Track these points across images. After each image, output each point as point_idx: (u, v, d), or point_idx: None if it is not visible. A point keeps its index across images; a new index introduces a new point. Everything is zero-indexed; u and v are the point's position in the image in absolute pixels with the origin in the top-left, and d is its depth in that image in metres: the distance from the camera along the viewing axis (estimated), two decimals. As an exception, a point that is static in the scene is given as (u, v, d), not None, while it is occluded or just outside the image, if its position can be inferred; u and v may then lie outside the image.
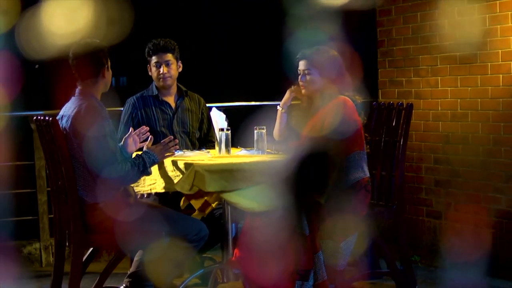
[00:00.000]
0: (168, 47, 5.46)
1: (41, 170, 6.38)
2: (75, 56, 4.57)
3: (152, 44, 5.48)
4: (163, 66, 5.44)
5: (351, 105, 4.74)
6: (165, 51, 5.45)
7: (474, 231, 5.93)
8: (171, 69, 5.46)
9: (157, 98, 5.49)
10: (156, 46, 5.46)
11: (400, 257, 5.08)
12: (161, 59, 5.45)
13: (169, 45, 5.47)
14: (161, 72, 5.44)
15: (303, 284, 4.56)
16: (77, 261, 4.51)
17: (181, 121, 5.51)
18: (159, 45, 5.46)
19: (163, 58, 5.45)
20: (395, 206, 5.03)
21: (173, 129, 5.46)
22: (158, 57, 5.45)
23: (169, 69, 5.45)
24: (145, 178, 4.77)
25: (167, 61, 5.46)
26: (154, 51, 5.46)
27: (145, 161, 4.48)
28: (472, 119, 6.01)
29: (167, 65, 5.45)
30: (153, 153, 4.53)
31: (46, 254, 6.42)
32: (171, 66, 5.46)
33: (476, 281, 5.53)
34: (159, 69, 5.45)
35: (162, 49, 5.45)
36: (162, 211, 4.64)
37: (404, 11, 6.60)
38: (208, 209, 4.95)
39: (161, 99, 5.49)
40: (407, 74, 6.62)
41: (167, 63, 5.46)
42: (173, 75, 5.49)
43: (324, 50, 4.88)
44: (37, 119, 4.61)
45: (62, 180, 4.51)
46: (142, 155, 4.52)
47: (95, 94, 4.56)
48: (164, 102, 5.49)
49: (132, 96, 5.55)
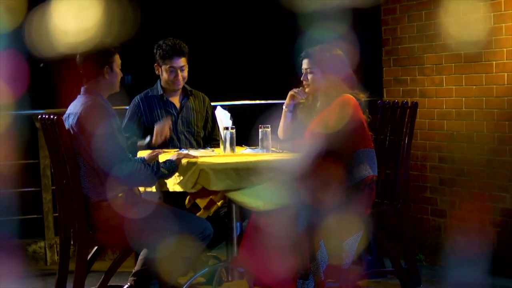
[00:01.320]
0: (183, 51, 5.37)
1: (46, 168, 6.39)
2: (80, 55, 4.59)
3: (168, 48, 5.36)
4: (179, 72, 5.38)
5: (355, 103, 4.75)
6: (180, 55, 5.36)
7: (478, 230, 5.92)
8: (185, 75, 5.43)
9: (162, 98, 5.46)
10: (172, 51, 5.36)
11: (404, 256, 5.08)
12: (176, 64, 5.36)
13: (183, 49, 5.37)
14: (178, 79, 5.39)
15: (304, 282, 4.56)
16: (82, 260, 4.51)
17: (185, 121, 5.49)
18: (175, 50, 5.35)
19: (178, 64, 5.37)
20: (399, 204, 5.03)
21: (177, 129, 5.45)
22: (173, 63, 5.36)
23: (184, 74, 5.42)
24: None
25: (182, 67, 5.38)
26: (169, 56, 5.36)
27: (159, 163, 4.50)
28: (477, 118, 6.00)
29: (182, 71, 5.41)
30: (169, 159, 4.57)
31: (51, 253, 6.43)
32: (185, 72, 5.42)
33: (480, 279, 5.53)
34: (173, 75, 5.38)
35: (178, 54, 5.35)
36: (169, 209, 4.65)
37: (409, 10, 6.59)
38: (213, 207, 4.95)
39: (166, 99, 5.47)
40: (411, 73, 6.61)
41: (182, 69, 5.39)
42: (185, 79, 5.46)
43: (327, 48, 4.88)
44: (42, 117, 4.61)
45: (67, 178, 4.51)
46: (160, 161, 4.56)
47: (101, 92, 4.56)
48: (169, 102, 5.47)
49: (137, 96, 5.52)
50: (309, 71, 4.88)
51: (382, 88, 6.93)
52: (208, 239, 4.60)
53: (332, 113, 4.74)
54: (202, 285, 5.30)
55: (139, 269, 4.71)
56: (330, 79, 4.83)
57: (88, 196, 4.46)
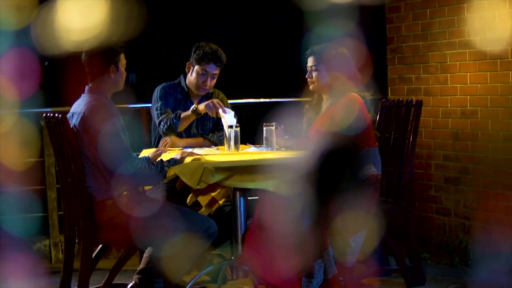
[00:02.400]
0: (222, 61, 5.34)
1: (51, 167, 6.40)
2: (86, 53, 4.59)
3: (209, 51, 5.32)
4: (209, 79, 5.35)
5: (361, 102, 4.75)
6: (217, 63, 5.34)
7: (483, 228, 5.92)
8: (213, 82, 5.41)
9: (187, 96, 5.45)
10: (211, 55, 5.32)
11: (409, 254, 5.09)
12: (211, 70, 5.34)
13: (222, 59, 5.34)
14: (206, 84, 5.36)
15: (309, 280, 4.56)
16: (87, 258, 4.52)
17: (201, 125, 5.48)
18: (215, 56, 5.32)
19: (213, 71, 5.35)
20: (404, 203, 5.03)
21: (191, 131, 5.43)
22: (209, 68, 5.34)
23: (212, 82, 5.40)
24: None
25: (214, 75, 5.37)
26: (207, 60, 5.32)
27: (163, 162, 4.50)
28: (482, 116, 5.99)
29: (213, 79, 5.38)
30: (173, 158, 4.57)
31: (56, 251, 6.43)
32: (214, 79, 5.40)
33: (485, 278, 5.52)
34: (203, 79, 5.35)
35: (216, 61, 5.33)
36: (174, 207, 4.65)
37: (414, 8, 6.58)
38: (215, 206, 4.96)
39: (189, 100, 5.45)
40: (416, 71, 6.61)
41: (213, 77, 5.37)
42: (211, 88, 5.44)
43: (332, 46, 4.89)
44: (47, 116, 4.62)
45: (71, 177, 4.51)
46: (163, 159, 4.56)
47: (105, 91, 4.56)
48: (190, 102, 5.44)
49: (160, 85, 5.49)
50: (314, 68, 4.89)
51: (387, 86, 6.92)
52: (213, 237, 4.60)
53: (338, 112, 4.74)
54: (207, 283, 5.30)
55: (144, 267, 4.71)
56: (335, 77, 4.83)
57: (92, 195, 4.47)
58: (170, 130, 5.28)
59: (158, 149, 4.81)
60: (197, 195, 4.92)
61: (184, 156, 4.60)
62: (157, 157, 4.64)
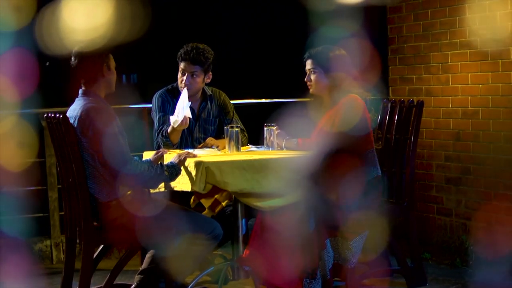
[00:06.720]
0: (197, 60, 5.32)
1: (52, 167, 6.40)
2: (76, 56, 4.55)
3: (184, 51, 5.34)
4: (188, 75, 5.33)
5: (362, 103, 4.75)
6: (193, 63, 5.33)
7: (485, 229, 5.92)
8: (195, 82, 5.35)
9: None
10: (186, 55, 5.33)
11: (410, 255, 5.09)
12: (187, 68, 5.33)
13: (199, 58, 5.32)
14: (183, 81, 5.36)
15: (311, 282, 4.56)
16: (88, 258, 4.52)
17: (202, 128, 5.47)
18: (189, 56, 5.33)
19: (190, 69, 5.32)
20: (405, 203, 5.03)
21: (193, 135, 5.43)
22: (185, 65, 5.33)
23: (193, 80, 5.35)
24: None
25: (193, 72, 5.33)
26: (183, 59, 5.33)
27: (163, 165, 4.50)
28: (483, 117, 5.99)
29: (192, 76, 5.36)
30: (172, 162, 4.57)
31: (57, 251, 6.44)
32: (196, 79, 5.34)
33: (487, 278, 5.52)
34: (182, 77, 5.35)
35: (191, 60, 5.32)
36: (179, 208, 4.66)
37: (415, 8, 6.58)
38: (218, 207, 4.96)
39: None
40: (417, 71, 6.61)
41: (192, 74, 5.34)
42: (195, 88, 5.37)
43: (329, 49, 4.88)
44: (48, 116, 4.62)
45: (72, 177, 4.51)
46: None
47: (99, 93, 4.55)
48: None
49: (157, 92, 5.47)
50: (312, 71, 4.89)
51: (388, 86, 6.92)
52: (218, 239, 4.60)
53: (338, 112, 4.74)
54: (208, 283, 5.30)
55: (145, 267, 4.71)
56: (334, 78, 4.83)
57: (95, 196, 4.47)
58: (168, 146, 5.27)
59: (158, 151, 4.81)
60: (199, 197, 4.92)
61: (181, 159, 4.59)
62: (158, 159, 4.64)
